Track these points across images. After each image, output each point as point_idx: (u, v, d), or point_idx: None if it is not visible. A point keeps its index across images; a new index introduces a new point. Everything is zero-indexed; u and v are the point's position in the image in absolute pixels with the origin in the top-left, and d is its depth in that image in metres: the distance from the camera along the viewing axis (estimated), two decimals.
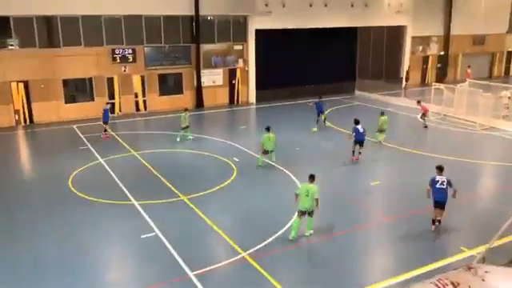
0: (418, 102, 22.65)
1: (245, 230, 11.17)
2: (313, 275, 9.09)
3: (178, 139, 19.32)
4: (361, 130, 16.21)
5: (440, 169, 10.96)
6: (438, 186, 10.69)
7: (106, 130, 20.10)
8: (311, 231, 10.55)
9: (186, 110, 19.88)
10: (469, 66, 35.59)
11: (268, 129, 15.85)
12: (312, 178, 10.50)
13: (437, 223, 10.94)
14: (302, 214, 10.33)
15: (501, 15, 38.91)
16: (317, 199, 10.16)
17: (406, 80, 35.16)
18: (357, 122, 16.45)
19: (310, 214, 10.37)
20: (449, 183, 10.70)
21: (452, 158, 16.78)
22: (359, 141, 16.24)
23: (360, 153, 16.34)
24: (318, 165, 16.14)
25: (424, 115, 21.80)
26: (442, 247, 10.15)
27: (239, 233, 10.91)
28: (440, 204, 10.77)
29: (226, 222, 11.50)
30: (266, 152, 15.79)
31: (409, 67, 35.37)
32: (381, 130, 18.65)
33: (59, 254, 9.94)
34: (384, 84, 31.96)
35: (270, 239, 10.33)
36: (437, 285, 2.56)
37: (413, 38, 34.93)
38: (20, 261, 9.67)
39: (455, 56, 37.78)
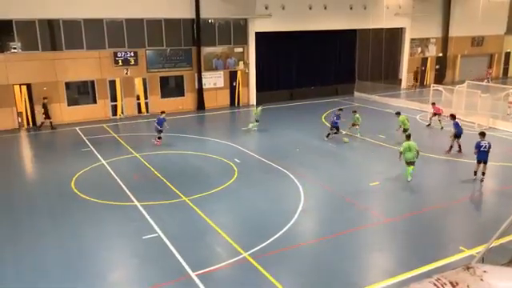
0: (433, 103, 22.36)
1: (246, 230, 11.29)
2: (313, 275, 9.19)
3: (252, 127, 21.60)
4: (460, 124, 17.63)
5: (483, 135, 14.36)
6: (482, 149, 13.96)
7: (159, 138, 19.33)
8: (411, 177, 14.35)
9: (258, 105, 22.41)
10: (490, 67, 37.03)
11: (398, 113, 19.76)
12: (409, 136, 14.68)
13: (482, 176, 14.13)
14: (409, 163, 14.17)
15: (499, 16, 39.07)
16: (418, 150, 14.07)
17: (416, 80, 35.43)
18: (454, 117, 17.76)
19: (413, 163, 14.09)
20: (489, 146, 13.95)
21: (451, 158, 16.94)
22: (461, 134, 17.50)
23: (459, 145, 17.59)
24: (318, 165, 16.30)
25: (437, 115, 21.73)
26: (441, 247, 10.24)
27: (240, 233, 11.03)
28: (484, 161, 14.02)
29: (228, 223, 11.63)
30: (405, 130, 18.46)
31: (417, 68, 35.63)
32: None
33: (61, 255, 10.03)
34: (383, 85, 32.09)
35: (271, 239, 10.46)
36: (435, 284, 2.58)
37: (411, 39, 35.14)
38: (23, 261, 9.77)
39: (454, 57, 37.95)
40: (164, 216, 11.95)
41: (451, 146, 17.62)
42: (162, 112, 19.89)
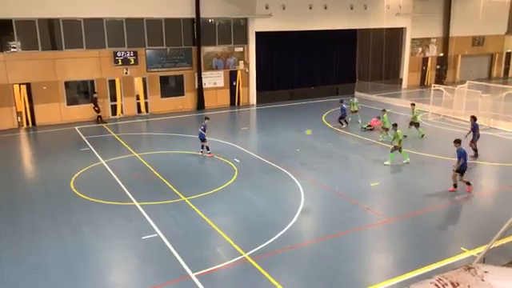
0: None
1: (246, 230, 11.24)
2: (314, 276, 9.16)
3: (350, 119, 22.71)
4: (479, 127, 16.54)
5: None
6: None
7: (207, 148, 17.33)
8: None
9: (353, 97, 24.34)
10: None
11: (413, 104, 20.38)
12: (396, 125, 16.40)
13: None
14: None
15: (500, 16, 39.04)
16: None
17: (444, 78, 35.74)
18: (475, 119, 16.42)
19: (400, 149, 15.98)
20: None
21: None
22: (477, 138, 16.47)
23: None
24: (318, 165, 16.25)
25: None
26: (442, 248, 10.20)
27: (240, 234, 10.99)
28: None
29: (228, 223, 11.59)
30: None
31: (446, 66, 35.65)
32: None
33: (61, 255, 10.00)
34: (383, 85, 32.07)
35: (270, 240, 10.43)
36: (436, 285, 2.57)
37: (412, 39, 35.09)
38: (23, 261, 9.75)
39: (454, 57, 37.91)
40: (164, 216, 11.91)
41: (475, 150, 16.65)
42: (206, 118, 17.77)
